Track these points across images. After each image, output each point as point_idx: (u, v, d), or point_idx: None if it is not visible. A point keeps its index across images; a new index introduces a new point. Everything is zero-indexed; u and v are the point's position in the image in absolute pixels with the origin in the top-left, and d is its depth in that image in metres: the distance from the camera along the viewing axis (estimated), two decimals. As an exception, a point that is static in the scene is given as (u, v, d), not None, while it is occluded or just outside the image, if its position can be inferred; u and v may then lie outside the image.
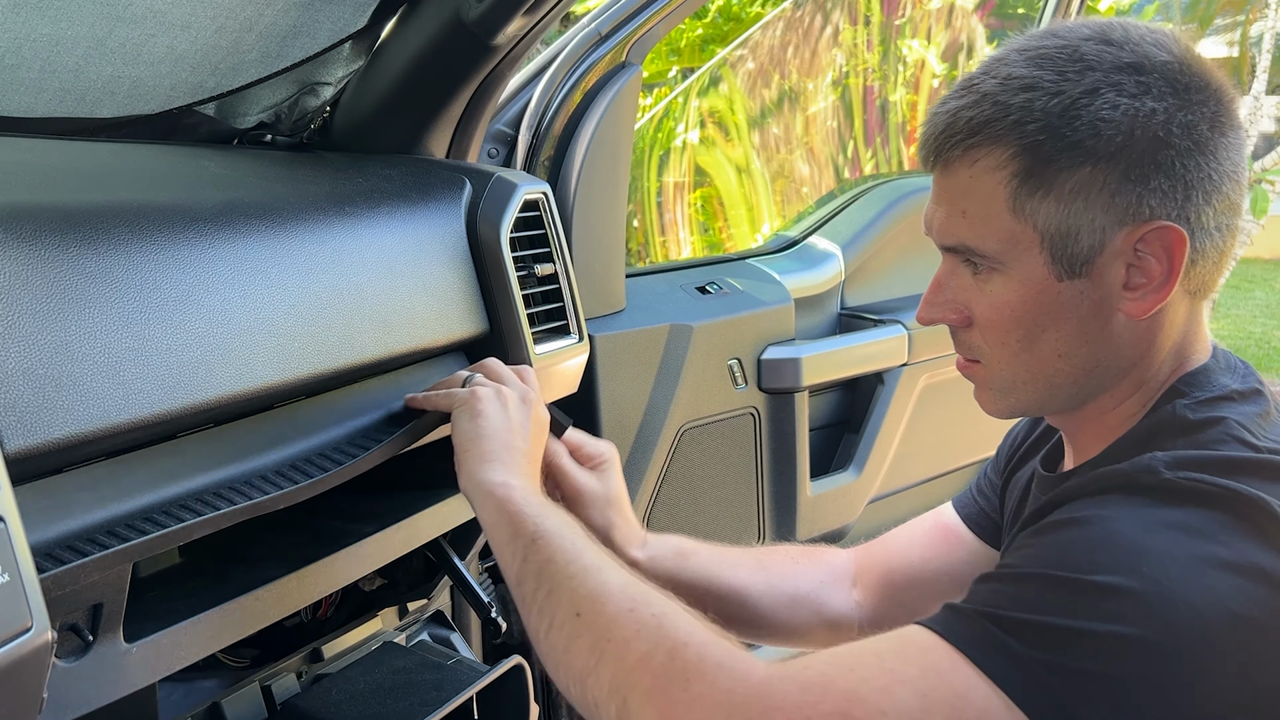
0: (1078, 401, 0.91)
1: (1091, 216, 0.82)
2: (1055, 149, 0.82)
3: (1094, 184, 0.82)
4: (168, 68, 1.19)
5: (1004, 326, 0.88)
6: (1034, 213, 0.84)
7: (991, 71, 0.85)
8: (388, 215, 1.15)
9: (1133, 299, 0.85)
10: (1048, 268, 0.85)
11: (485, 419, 1.01)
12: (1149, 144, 0.81)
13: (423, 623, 1.43)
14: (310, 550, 1.11)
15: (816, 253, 2.18)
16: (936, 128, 0.87)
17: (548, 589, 0.87)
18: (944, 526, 1.22)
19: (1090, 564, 0.73)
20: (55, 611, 0.78)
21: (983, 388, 0.95)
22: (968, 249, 0.88)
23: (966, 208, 0.87)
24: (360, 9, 1.25)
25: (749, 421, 1.89)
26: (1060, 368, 0.88)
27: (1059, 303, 0.85)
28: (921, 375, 2.14)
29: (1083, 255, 0.84)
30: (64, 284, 0.82)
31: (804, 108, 3.48)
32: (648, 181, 3.77)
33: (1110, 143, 0.81)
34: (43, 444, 0.76)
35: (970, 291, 0.90)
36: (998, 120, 0.83)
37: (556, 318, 1.31)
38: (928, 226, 0.92)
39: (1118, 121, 0.80)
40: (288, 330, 0.99)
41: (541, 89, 1.62)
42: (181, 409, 0.87)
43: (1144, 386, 0.89)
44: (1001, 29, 3.71)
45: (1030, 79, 0.83)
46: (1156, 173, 0.81)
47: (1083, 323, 0.86)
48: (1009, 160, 0.83)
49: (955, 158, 0.86)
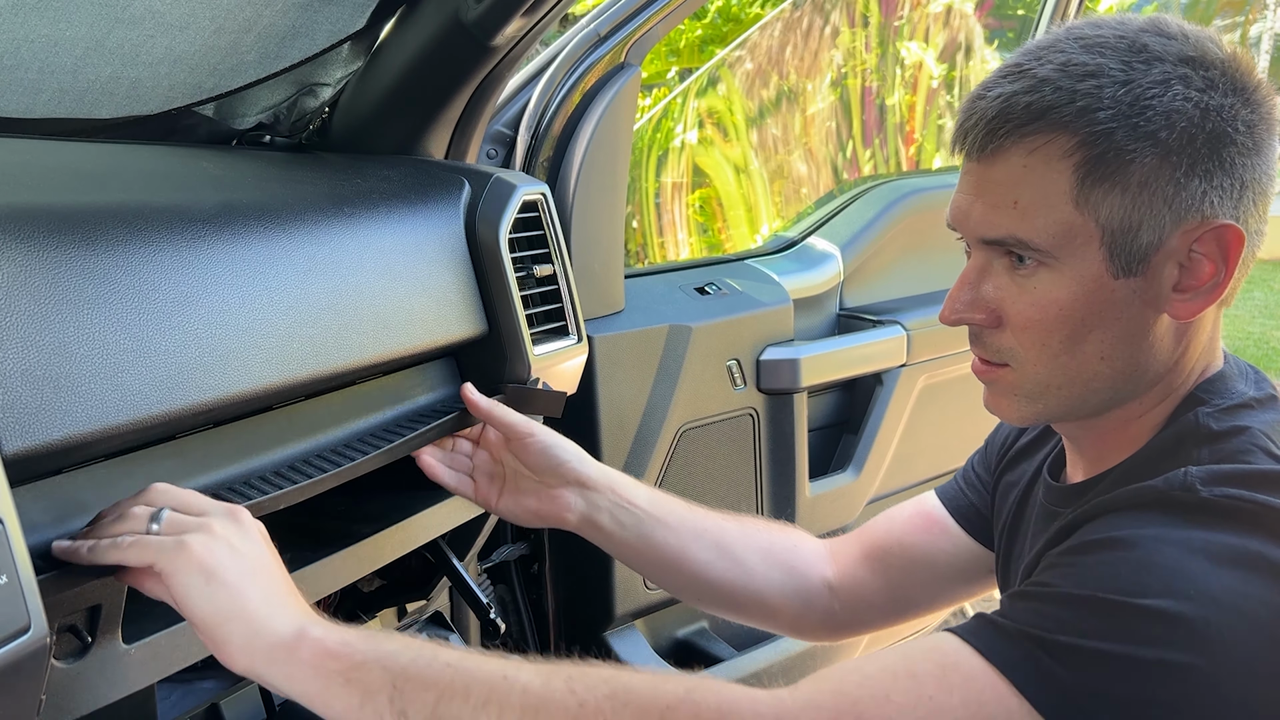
0: (1105, 409, 0.87)
1: (1155, 211, 0.79)
2: (1127, 138, 0.78)
3: (1161, 177, 0.78)
4: (166, 68, 1.19)
5: (1047, 326, 0.83)
6: (1098, 205, 0.79)
7: (1046, 58, 0.81)
8: (386, 216, 1.15)
9: (1181, 300, 0.82)
10: (1104, 264, 0.80)
11: (221, 567, 0.77)
12: (1216, 140, 0.78)
13: (421, 623, 1.43)
14: (309, 551, 1.11)
15: (815, 253, 2.18)
16: (986, 113, 0.81)
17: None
18: (926, 514, 1.19)
19: (1137, 587, 0.71)
20: (54, 613, 0.78)
21: (1005, 394, 0.89)
22: (1019, 242, 0.82)
23: (1019, 198, 0.81)
24: (359, 10, 1.25)
25: (748, 422, 1.89)
26: (1100, 370, 0.84)
27: (1111, 301, 0.81)
28: (920, 376, 2.14)
29: (1140, 252, 0.80)
30: (62, 285, 0.82)
31: (803, 109, 3.49)
32: (646, 182, 3.77)
33: (1182, 135, 0.77)
34: (41, 445, 0.76)
35: (1007, 290, 0.85)
36: (1062, 106, 0.78)
37: (555, 319, 1.31)
38: (960, 219, 0.87)
39: (1189, 114, 0.77)
40: (286, 331, 0.98)
41: (540, 90, 1.62)
42: (180, 410, 0.87)
43: (1171, 394, 0.87)
44: (1000, 29, 3.71)
45: (1094, 66, 0.78)
46: (1219, 170, 0.79)
47: (1130, 323, 0.82)
48: (1076, 149, 0.79)
49: (1008, 145, 0.81)
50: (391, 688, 0.75)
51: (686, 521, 1.17)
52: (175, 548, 0.77)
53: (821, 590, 1.19)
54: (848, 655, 2.03)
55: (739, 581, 1.17)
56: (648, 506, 1.17)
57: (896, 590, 1.18)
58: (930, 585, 1.18)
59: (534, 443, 1.15)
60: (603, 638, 1.76)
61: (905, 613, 1.20)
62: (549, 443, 1.15)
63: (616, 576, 1.73)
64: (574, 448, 1.17)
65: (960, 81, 4.04)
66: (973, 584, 1.17)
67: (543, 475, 1.16)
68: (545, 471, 1.15)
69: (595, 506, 1.15)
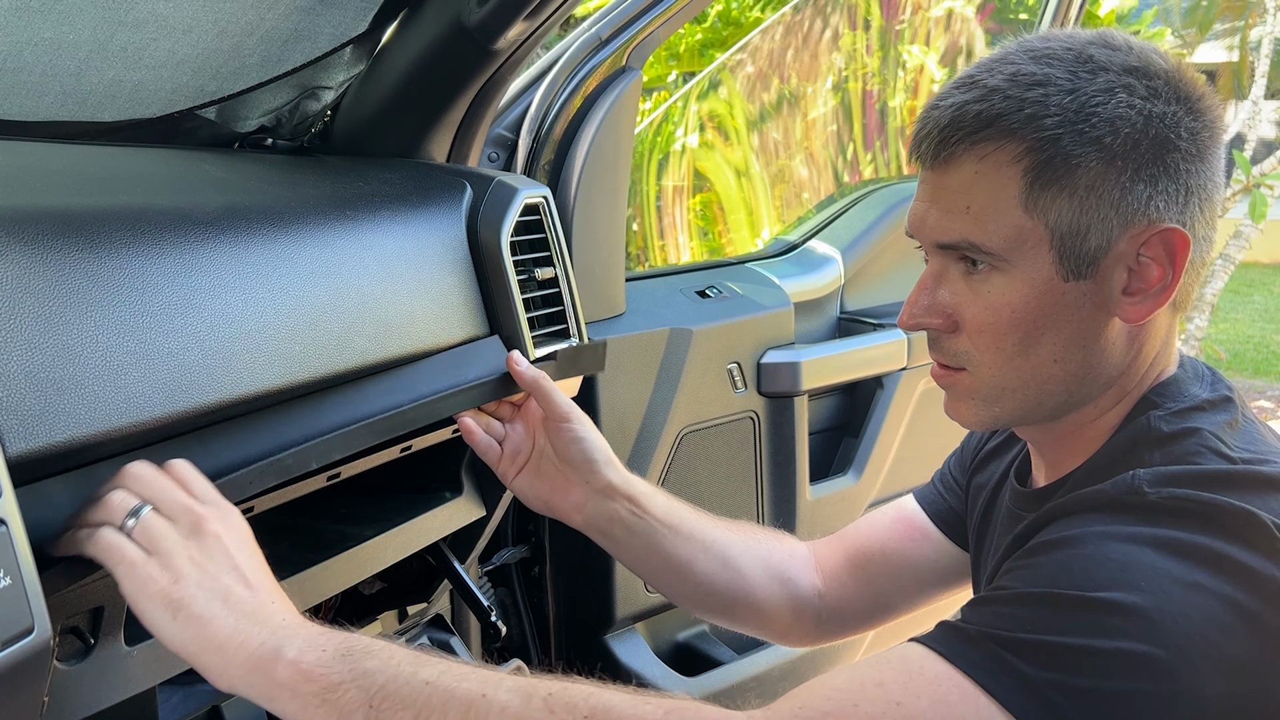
0: (1061, 412, 0.89)
1: (1102, 215, 0.81)
2: (1073, 144, 0.80)
3: (1107, 182, 0.81)
4: (169, 72, 1.19)
5: (1000, 329, 0.85)
6: (1046, 209, 0.82)
7: (995, 69, 0.83)
8: (388, 219, 1.15)
9: (1131, 303, 0.84)
10: (1054, 267, 0.83)
11: (187, 597, 0.77)
12: (1159, 146, 0.81)
13: (422, 626, 1.43)
14: (309, 554, 1.11)
15: (816, 257, 2.18)
16: (939, 121, 0.84)
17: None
18: (907, 519, 1.21)
19: (1089, 581, 0.73)
20: (57, 614, 0.78)
21: (963, 398, 0.91)
22: (971, 245, 0.84)
23: (971, 203, 0.84)
24: (361, 14, 1.25)
25: (748, 425, 1.89)
26: (1054, 373, 0.86)
27: (1063, 304, 0.84)
28: (920, 379, 2.14)
29: (1089, 255, 0.82)
30: (66, 288, 0.82)
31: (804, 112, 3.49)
32: (647, 185, 3.77)
33: (1126, 140, 0.80)
34: (45, 447, 0.77)
35: (962, 294, 0.87)
36: (1011, 114, 0.81)
37: (557, 321, 1.31)
38: (917, 225, 0.89)
39: (1132, 120, 0.80)
40: (289, 334, 0.99)
41: (542, 93, 1.62)
42: (183, 412, 0.88)
43: (1125, 398, 0.89)
44: (1001, 33, 3.71)
45: (1041, 75, 0.81)
46: (1164, 175, 0.81)
47: (1081, 326, 0.84)
48: (1023, 154, 0.81)
49: (960, 152, 0.83)
50: (368, 707, 0.75)
51: (696, 533, 1.18)
52: (141, 568, 0.77)
53: (812, 598, 1.21)
54: (848, 658, 2.03)
55: (740, 592, 1.18)
56: (662, 516, 1.17)
57: (880, 596, 1.20)
58: (913, 590, 1.20)
59: (568, 430, 1.15)
60: (603, 641, 1.76)
61: (887, 615, 1.22)
62: (582, 435, 1.15)
63: (617, 580, 1.73)
64: (605, 448, 1.16)
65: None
66: (953, 585, 1.20)
67: (568, 466, 1.16)
68: (571, 463, 1.15)
69: (609, 515, 1.15)
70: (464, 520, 1.33)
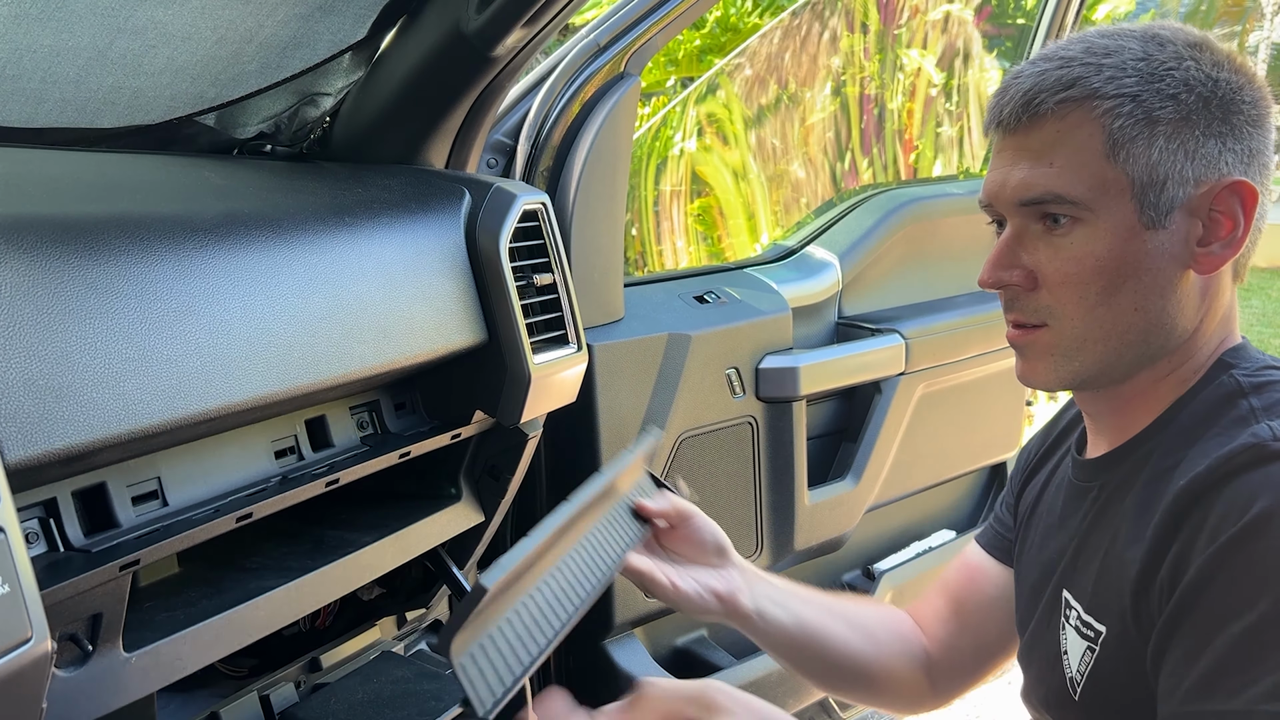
0: (1136, 368, 0.92)
1: (1179, 167, 0.86)
2: (1151, 99, 0.86)
3: (1183, 135, 0.86)
4: (168, 78, 1.19)
5: (1084, 278, 0.89)
6: (1128, 159, 0.86)
7: (1070, 47, 0.89)
8: (387, 225, 1.15)
9: (1204, 254, 0.88)
10: (1136, 215, 0.87)
11: None
12: (1226, 107, 0.87)
13: (421, 632, 1.43)
14: (309, 560, 1.11)
15: (814, 262, 2.19)
16: (1021, 87, 0.89)
17: None
18: (968, 564, 1.23)
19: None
20: (55, 621, 0.78)
21: (1041, 355, 0.93)
22: (1056, 197, 0.88)
23: (1055, 159, 0.88)
24: (360, 20, 1.25)
25: (747, 430, 1.89)
26: (1134, 322, 0.89)
27: (1144, 251, 0.87)
28: (919, 384, 2.14)
29: (1167, 205, 0.87)
30: (65, 295, 0.82)
31: (802, 117, 3.49)
32: (646, 190, 3.78)
33: (1198, 99, 0.86)
34: (44, 454, 0.77)
35: (1043, 251, 0.90)
36: (1091, 76, 0.87)
37: (555, 327, 1.31)
38: (995, 190, 0.92)
39: (1203, 81, 0.87)
40: (287, 341, 0.99)
41: (540, 99, 1.63)
42: (181, 419, 0.88)
43: (1194, 356, 0.92)
44: (999, 37, 3.72)
45: (1114, 47, 0.88)
46: (1230, 135, 0.87)
47: (1159, 275, 0.88)
48: (1105, 111, 0.86)
49: (1045, 113, 0.88)
50: None
51: (814, 597, 1.18)
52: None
53: (925, 656, 1.22)
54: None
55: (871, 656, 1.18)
56: (782, 583, 1.15)
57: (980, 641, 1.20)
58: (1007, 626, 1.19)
59: (698, 521, 1.09)
60: (602, 646, 1.76)
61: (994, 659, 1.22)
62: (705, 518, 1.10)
63: (615, 585, 1.73)
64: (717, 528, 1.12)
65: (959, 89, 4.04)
66: None
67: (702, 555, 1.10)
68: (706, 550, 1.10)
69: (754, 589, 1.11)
70: (462, 526, 1.33)
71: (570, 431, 1.68)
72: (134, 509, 0.92)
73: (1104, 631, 0.93)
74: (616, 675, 1.75)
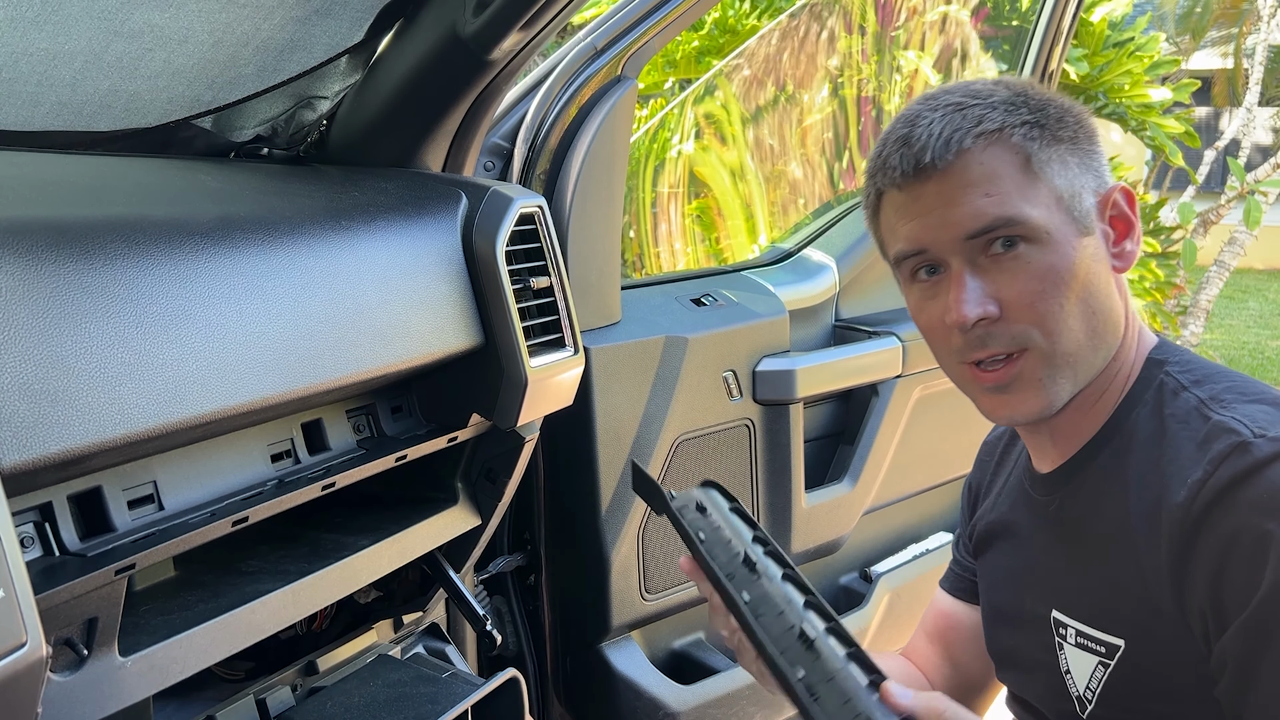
0: (1100, 365, 0.95)
1: (1084, 179, 0.94)
2: (1049, 124, 0.93)
3: (1078, 151, 0.94)
4: (165, 81, 1.19)
5: (1050, 293, 0.91)
6: (1050, 177, 0.92)
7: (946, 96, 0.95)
8: (384, 229, 1.15)
9: (1118, 252, 0.96)
10: (1071, 226, 0.92)
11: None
12: (1085, 129, 0.96)
13: (418, 635, 1.43)
14: (306, 563, 1.11)
15: (811, 265, 2.19)
16: (933, 130, 0.92)
17: None
18: (939, 612, 1.25)
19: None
20: (50, 626, 0.78)
21: (1030, 382, 0.93)
22: (1008, 220, 0.90)
23: (989, 189, 0.91)
24: (357, 23, 1.25)
25: (744, 433, 1.89)
26: (1096, 325, 0.93)
27: (1087, 256, 0.93)
28: (916, 387, 2.14)
29: (1086, 213, 0.93)
30: (60, 299, 0.82)
31: (800, 118, 3.50)
32: (643, 192, 3.78)
33: (1075, 121, 0.95)
34: (39, 459, 0.77)
35: (1001, 277, 0.91)
36: (992, 112, 0.92)
37: (552, 330, 1.31)
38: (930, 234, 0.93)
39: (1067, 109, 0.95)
40: (283, 344, 0.99)
41: (538, 102, 1.63)
42: (177, 423, 0.88)
43: (1126, 351, 0.97)
44: (996, 38, 3.72)
45: (987, 90, 0.95)
46: (1097, 151, 0.96)
47: (1100, 276, 0.94)
48: (1020, 138, 0.92)
49: (967, 149, 0.91)
50: None
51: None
52: None
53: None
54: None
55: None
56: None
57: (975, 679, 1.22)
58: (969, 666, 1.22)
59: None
60: (599, 649, 1.76)
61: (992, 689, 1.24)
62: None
63: (613, 588, 1.73)
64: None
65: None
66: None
67: None
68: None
69: None
70: (459, 529, 1.33)
71: (567, 435, 1.68)
72: (130, 513, 0.92)
73: (1121, 645, 0.93)
74: (613, 678, 1.75)
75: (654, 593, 1.79)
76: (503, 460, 1.35)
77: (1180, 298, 5.72)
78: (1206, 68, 10.70)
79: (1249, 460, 0.83)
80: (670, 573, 1.81)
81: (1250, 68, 6.58)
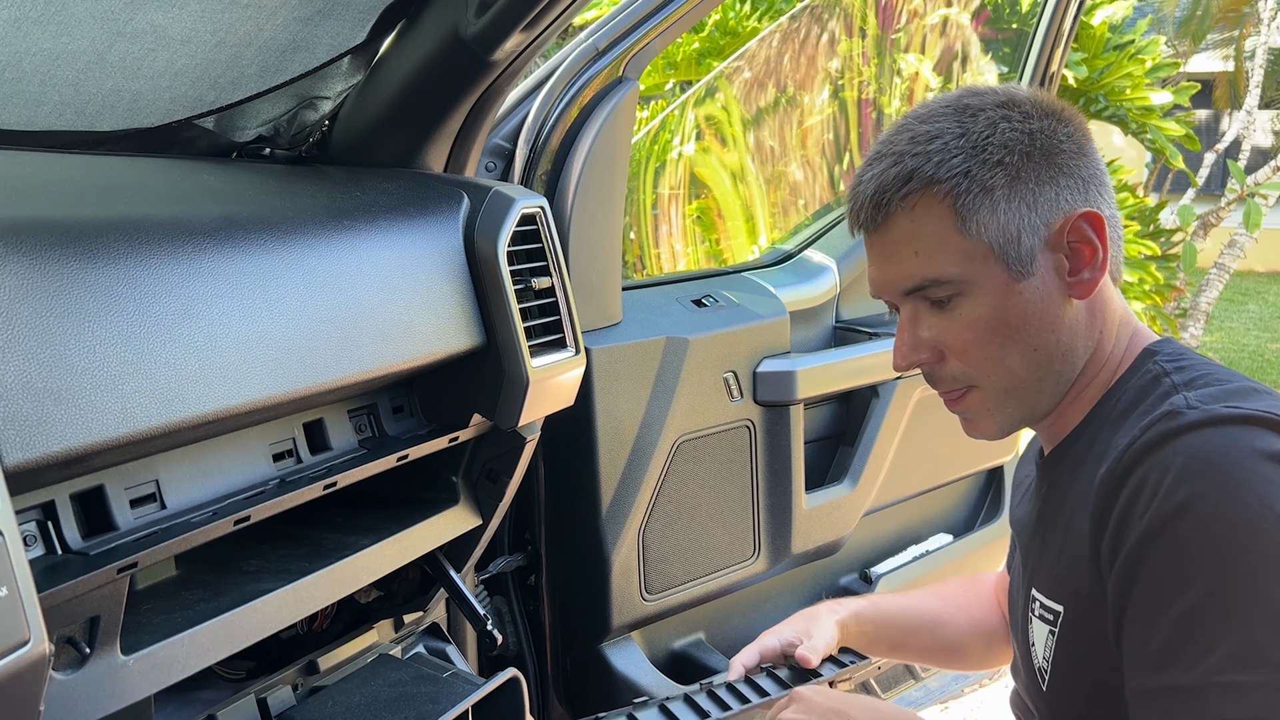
0: (1060, 391, 1.00)
1: (1027, 219, 0.94)
2: (981, 172, 0.93)
3: (1019, 192, 0.94)
4: (167, 82, 1.20)
5: (981, 341, 0.96)
6: (980, 229, 0.94)
7: (895, 140, 0.97)
8: (386, 229, 1.16)
9: (1076, 282, 0.96)
10: (1004, 274, 0.95)
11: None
12: (1048, 153, 0.95)
13: (418, 635, 1.43)
14: (307, 562, 1.11)
15: (812, 266, 2.19)
16: (866, 191, 0.96)
17: None
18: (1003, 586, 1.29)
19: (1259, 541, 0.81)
20: (53, 624, 0.79)
21: (979, 413, 1.01)
22: (932, 281, 0.95)
23: (918, 248, 0.95)
24: (359, 24, 1.25)
25: (744, 434, 1.89)
26: (1039, 360, 0.97)
27: (1024, 300, 0.95)
28: (916, 388, 2.14)
29: (1027, 256, 0.94)
30: (63, 298, 0.82)
31: (800, 121, 3.50)
32: (644, 194, 3.78)
33: (1022, 155, 0.94)
34: (42, 458, 0.77)
35: (939, 326, 0.98)
36: (923, 165, 0.94)
37: (553, 331, 1.31)
38: (878, 286, 1.00)
39: (1020, 139, 0.94)
40: (285, 344, 0.99)
41: (539, 103, 1.63)
42: (179, 422, 0.88)
43: (1107, 361, 0.99)
44: (996, 41, 3.73)
45: (935, 130, 0.95)
46: (1061, 174, 0.95)
47: (1044, 315, 0.96)
48: (945, 193, 0.94)
49: (894, 210, 0.95)
50: None
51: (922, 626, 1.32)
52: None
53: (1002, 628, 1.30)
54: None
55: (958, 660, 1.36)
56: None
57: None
58: None
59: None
60: (599, 649, 1.76)
61: None
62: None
63: (613, 588, 1.73)
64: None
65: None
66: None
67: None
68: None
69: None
70: (460, 529, 1.33)
71: (568, 435, 1.68)
72: (132, 512, 0.92)
73: (1061, 612, 0.97)
74: (613, 678, 1.75)
75: (654, 593, 1.79)
76: (504, 460, 1.35)
77: (1180, 300, 5.73)
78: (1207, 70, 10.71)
79: (1174, 424, 0.86)
80: (670, 573, 1.81)
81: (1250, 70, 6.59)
